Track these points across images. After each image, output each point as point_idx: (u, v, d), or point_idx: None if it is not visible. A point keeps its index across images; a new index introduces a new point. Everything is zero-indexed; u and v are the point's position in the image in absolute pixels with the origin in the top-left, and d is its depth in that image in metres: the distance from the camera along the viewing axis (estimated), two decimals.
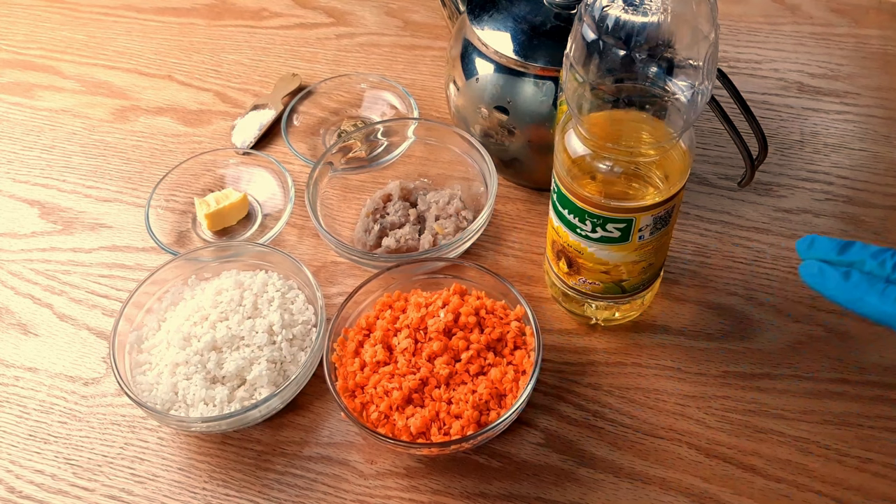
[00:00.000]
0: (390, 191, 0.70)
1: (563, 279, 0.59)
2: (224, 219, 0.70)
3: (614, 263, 0.55)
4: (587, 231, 0.53)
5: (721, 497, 0.53)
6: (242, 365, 0.58)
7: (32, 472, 0.58)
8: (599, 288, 0.57)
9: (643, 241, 0.53)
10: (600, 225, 0.52)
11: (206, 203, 0.70)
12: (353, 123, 0.78)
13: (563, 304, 0.62)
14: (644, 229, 0.52)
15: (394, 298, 0.61)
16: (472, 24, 0.66)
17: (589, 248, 0.54)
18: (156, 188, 0.71)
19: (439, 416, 0.54)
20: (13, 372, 0.63)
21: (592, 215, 0.52)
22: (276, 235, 0.69)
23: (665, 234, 0.54)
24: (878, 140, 0.74)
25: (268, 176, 0.73)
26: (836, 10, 0.87)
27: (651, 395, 0.59)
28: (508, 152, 0.68)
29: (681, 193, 0.52)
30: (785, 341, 0.61)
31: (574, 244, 0.55)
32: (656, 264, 0.57)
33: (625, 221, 0.51)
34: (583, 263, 0.56)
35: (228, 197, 0.70)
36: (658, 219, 0.52)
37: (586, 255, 0.55)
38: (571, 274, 0.58)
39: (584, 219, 0.52)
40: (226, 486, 0.56)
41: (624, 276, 0.56)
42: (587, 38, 0.45)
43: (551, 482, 0.55)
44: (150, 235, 0.68)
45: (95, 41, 0.92)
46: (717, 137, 0.75)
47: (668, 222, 0.53)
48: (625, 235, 0.52)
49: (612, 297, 0.58)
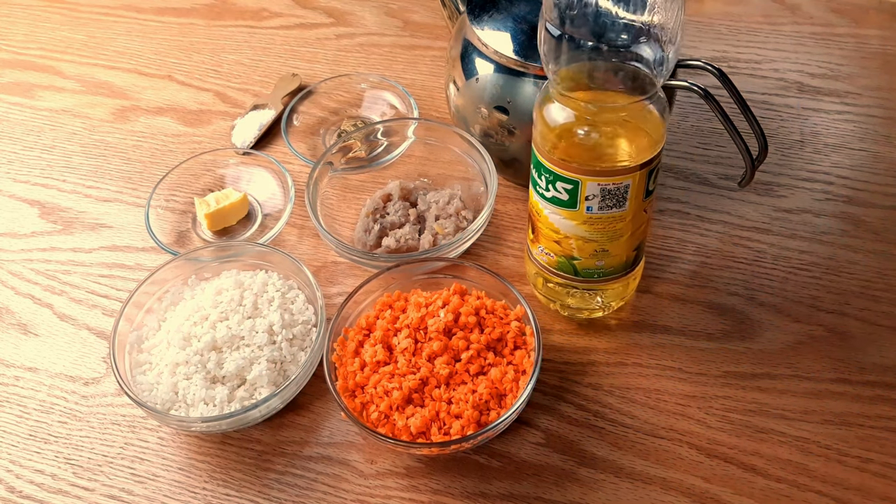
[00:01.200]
0: (390, 191, 0.70)
1: (530, 248, 0.60)
2: (224, 219, 0.70)
3: (564, 233, 0.55)
4: (542, 188, 0.54)
5: (722, 497, 0.53)
6: (242, 365, 0.58)
7: (32, 471, 0.58)
8: (553, 262, 0.58)
9: (592, 215, 0.53)
10: (552, 182, 0.53)
11: (206, 203, 0.70)
12: (353, 123, 0.79)
13: (532, 283, 0.63)
14: (591, 199, 0.52)
15: (394, 298, 0.61)
16: (472, 24, 0.66)
17: (544, 210, 0.55)
18: (156, 188, 0.71)
19: (439, 416, 0.54)
20: (13, 372, 0.63)
21: (547, 170, 0.53)
22: (277, 235, 0.69)
23: (620, 219, 0.54)
24: (878, 140, 0.74)
25: (268, 176, 0.73)
26: (836, 10, 0.87)
27: (651, 395, 0.59)
28: (508, 152, 0.68)
29: (638, 179, 0.52)
30: (785, 341, 0.61)
31: (534, 204, 0.56)
32: (613, 255, 0.56)
33: (571, 182, 0.52)
34: (540, 228, 0.57)
35: (228, 197, 0.70)
36: (607, 192, 0.52)
37: (542, 218, 0.56)
38: (534, 241, 0.59)
39: (540, 173, 0.54)
40: (226, 486, 0.56)
41: (574, 252, 0.56)
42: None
43: (551, 482, 0.55)
44: (150, 235, 0.68)
45: (95, 41, 0.92)
46: (717, 137, 0.75)
47: (623, 205, 0.53)
48: (572, 200, 0.53)
49: (566, 276, 0.59)
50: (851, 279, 0.64)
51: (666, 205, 0.70)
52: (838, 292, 0.63)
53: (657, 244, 0.67)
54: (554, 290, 0.61)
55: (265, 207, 0.72)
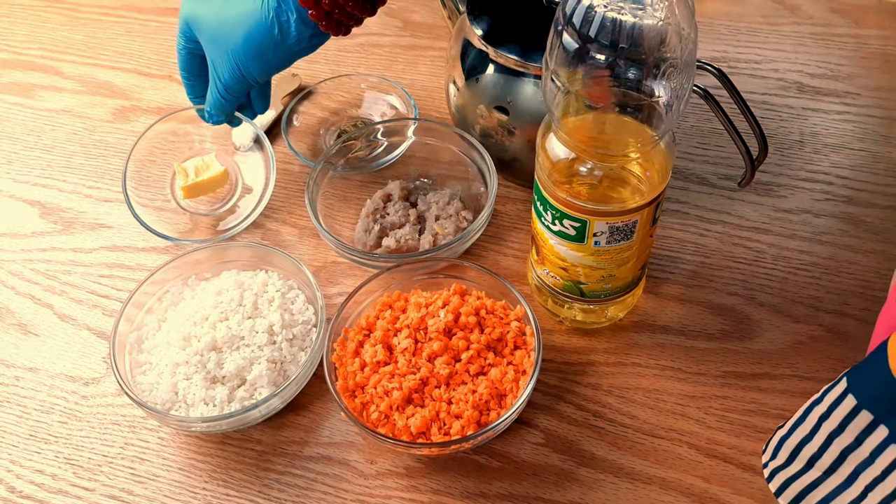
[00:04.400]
0: (390, 191, 0.70)
1: (534, 265, 0.60)
2: (202, 190, 0.71)
3: (571, 262, 0.55)
4: (548, 222, 0.54)
5: (721, 497, 0.53)
6: (242, 365, 0.58)
7: (33, 472, 0.58)
8: (559, 283, 0.58)
9: (599, 248, 0.53)
10: (559, 218, 0.53)
11: (184, 171, 0.70)
12: (353, 123, 0.79)
13: (537, 297, 0.63)
14: (599, 235, 0.52)
15: (394, 298, 0.61)
16: (472, 24, 0.66)
17: (550, 239, 0.55)
18: (128, 162, 0.71)
19: (439, 416, 0.54)
20: (13, 372, 0.63)
21: (553, 207, 0.52)
22: (256, 218, 0.70)
23: (628, 249, 0.54)
24: (878, 140, 0.74)
25: (260, 163, 0.73)
26: (836, 10, 0.87)
27: (651, 395, 0.59)
28: (508, 152, 0.68)
29: (646, 214, 0.52)
30: (785, 341, 0.61)
31: (540, 232, 0.56)
32: (620, 278, 0.56)
33: (579, 221, 0.52)
34: (546, 254, 0.56)
35: (209, 167, 0.71)
36: (615, 229, 0.52)
37: (548, 246, 0.56)
38: (539, 262, 0.59)
39: (546, 208, 0.53)
40: (226, 486, 0.56)
41: (581, 278, 0.56)
42: (569, 47, 0.45)
43: (551, 482, 0.55)
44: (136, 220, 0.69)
45: (96, 41, 0.92)
46: (717, 137, 0.75)
47: (630, 237, 0.53)
48: (580, 235, 0.53)
49: (571, 297, 0.59)
50: (851, 279, 0.64)
51: (666, 205, 0.70)
52: (838, 292, 0.63)
53: (657, 244, 0.67)
54: (559, 307, 0.61)
55: (246, 182, 0.73)
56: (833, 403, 0.41)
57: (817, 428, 0.43)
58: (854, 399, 0.40)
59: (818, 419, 0.42)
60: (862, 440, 0.41)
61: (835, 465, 0.43)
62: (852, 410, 0.40)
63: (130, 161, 0.71)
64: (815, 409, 0.43)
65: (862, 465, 0.41)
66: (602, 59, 0.44)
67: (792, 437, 0.45)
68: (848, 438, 0.41)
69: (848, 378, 0.40)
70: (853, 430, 0.41)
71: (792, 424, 0.45)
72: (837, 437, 0.42)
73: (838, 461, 0.42)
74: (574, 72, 0.46)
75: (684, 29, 0.44)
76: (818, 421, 0.43)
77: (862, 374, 0.40)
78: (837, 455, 0.42)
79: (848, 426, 0.41)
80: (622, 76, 0.46)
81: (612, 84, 0.46)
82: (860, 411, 0.40)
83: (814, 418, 0.43)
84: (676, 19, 0.43)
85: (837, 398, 0.41)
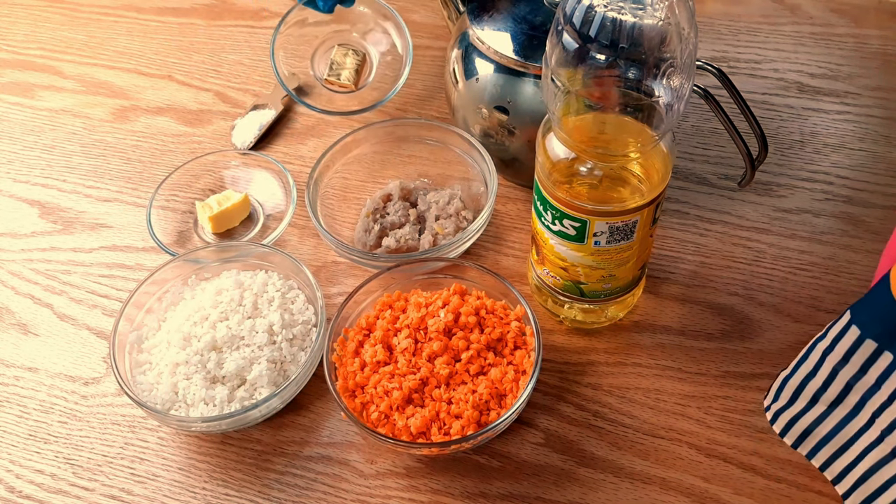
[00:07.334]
0: (390, 191, 0.70)
1: (534, 265, 0.60)
2: (228, 220, 0.70)
3: (571, 262, 0.55)
4: (548, 221, 0.54)
5: (721, 497, 0.53)
6: (242, 365, 0.58)
7: (32, 471, 0.58)
8: (559, 283, 0.58)
9: (599, 248, 0.53)
10: (559, 218, 0.53)
11: (208, 206, 0.70)
12: (345, 52, 0.78)
13: (537, 297, 0.63)
14: (599, 235, 0.52)
15: (394, 298, 0.61)
16: (472, 24, 0.66)
17: (550, 239, 0.55)
18: (158, 189, 0.71)
19: (439, 416, 0.54)
20: (13, 372, 0.63)
21: (553, 207, 0.52)
22: (279, 236, 0.69)
23: (627, 249, 0.54)
24: (878, 140, 0.74)
25: (268, 176, 0.73)
26: (836, 10, 0.87)
27: (651, 395, 0.59)
28: (508, 152, 0.68)
29: (647, 214, 0.52)
30: (785, 341, 0.61)
31: (540, 232, 0.56)
32: (620, 278, 0.57)
33: (579, 221, 0.52)
34: (546, 254, 0.56)
35: (230, 198, 0.70)
36: (615, 229, 0.52)
37: (548, 246, 0.55)
38: (539, 261, 0.58)
39: (546, 208, 0.53)
40: (226, 486, 0.56)
41: (581, 278, 0.56)
42: (569, 47, 0.45)
43: (551, 482, 0.55)
44: (151, 237, 0.68)
45: (95, 41, 0.92)
46: (717, 137, 0.75)
47: (630, 237, 0.53)
48: (580, 235, 0.53)
49: (571, 297, 0.59)
50: (851, 279, 0.64)
51: (666, 205, 0.70)
52: (838, 292, 0.63)
53: (657, 244, 0.67)
54: (559, 307, 0.61)
55: (266, 208, 0.72)
56: (836, 337, 0.42)
57: (821, 363, 0.43)
58: (858, 330, 0.41)
59: (822, 354, 0.43)
60: (867, 368, 0.41)
61: (840, 396, 0.43)
62: (856, 341, 0.41)
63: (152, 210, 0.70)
64: (819, 345, 0.43)
65: (868, 393, 0.42)
66: (602, 58, 0.44)
67: (795, 376, 0.45)
68: (853, 369, 0.42)
69: (851, 311, 0.41)
70: (858, 360, 0.42)
71: (795, 364, 0.45)
72: (842, 368, 0.42)
73: (844, 392, 0.43)
74: (574, 72, 0.46)
75: (684, 29, 0.44)
76: (822, 355, 0.43)
77: (865, 305, 0.40)
78: (843, 386, 0.43)
79: (852, 357, 0.42)
80: (622, 76, 0.46)
81: (612, 84, 0.46)
82: (864, 341, 0.41)
83: (817, 354, 0.43)
84: (676, 19, 0.43)
85: (841, 331, 0.42)
